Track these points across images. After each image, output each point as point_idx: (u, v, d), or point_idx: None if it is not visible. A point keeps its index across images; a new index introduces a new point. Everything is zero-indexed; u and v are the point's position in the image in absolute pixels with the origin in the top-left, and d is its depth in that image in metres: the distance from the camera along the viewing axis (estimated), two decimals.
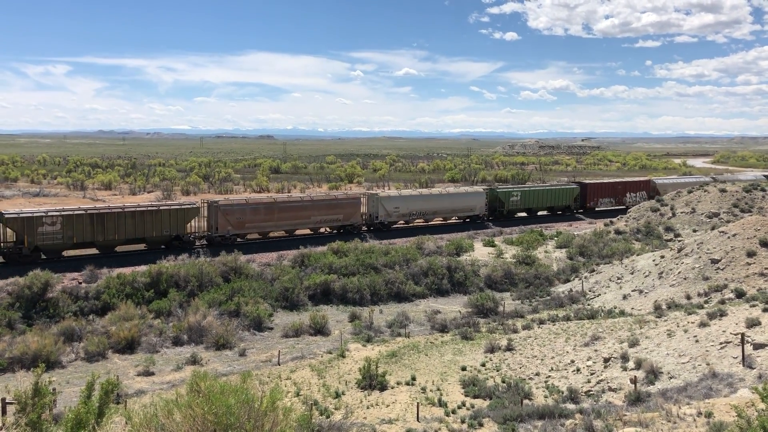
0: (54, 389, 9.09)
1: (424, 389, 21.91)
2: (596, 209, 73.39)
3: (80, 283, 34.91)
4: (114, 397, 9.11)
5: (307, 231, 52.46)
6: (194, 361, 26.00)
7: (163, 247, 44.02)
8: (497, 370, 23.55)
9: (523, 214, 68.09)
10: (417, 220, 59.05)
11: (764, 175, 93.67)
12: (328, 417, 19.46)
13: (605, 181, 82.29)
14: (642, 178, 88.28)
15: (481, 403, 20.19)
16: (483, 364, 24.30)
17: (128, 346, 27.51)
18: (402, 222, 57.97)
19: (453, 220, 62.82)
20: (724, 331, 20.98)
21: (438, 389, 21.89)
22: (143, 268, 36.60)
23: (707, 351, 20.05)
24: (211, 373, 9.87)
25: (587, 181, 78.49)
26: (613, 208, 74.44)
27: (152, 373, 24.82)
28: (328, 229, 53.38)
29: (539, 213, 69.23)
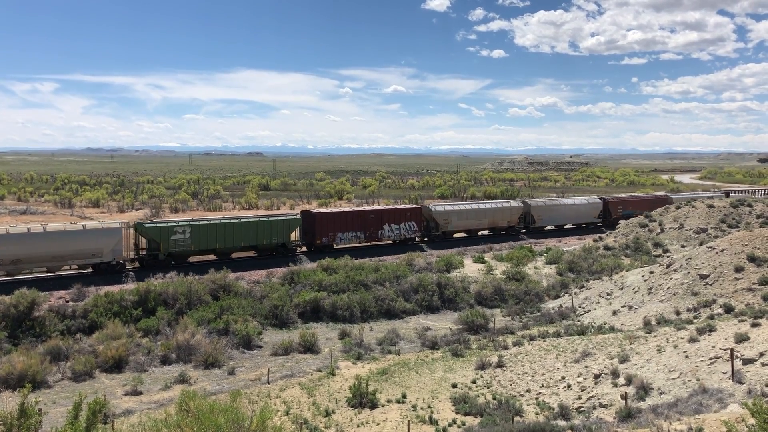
0: (40, 410, 8.96)
1: (414, 407, 21.79)
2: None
3: (67, 301, 34.58)
4: (101, 418, 9.00)
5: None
6: (183, 380, 25.75)
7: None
8: (488, 387, 23.47)
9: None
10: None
11: (723, 192, 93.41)
12: None
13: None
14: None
15: (472, 421, 20.09)
16: (474, 381, 24.21)
17: (116, 366, 27.21)
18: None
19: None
20: (713, 347, 21.03)
21: (429, 407, 21.77)
22: (131, 286, 36.35)
23: (697, 366, 20.08)
24: (200, 392, 9.79)
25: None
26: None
27: (140, 393, 24.54)
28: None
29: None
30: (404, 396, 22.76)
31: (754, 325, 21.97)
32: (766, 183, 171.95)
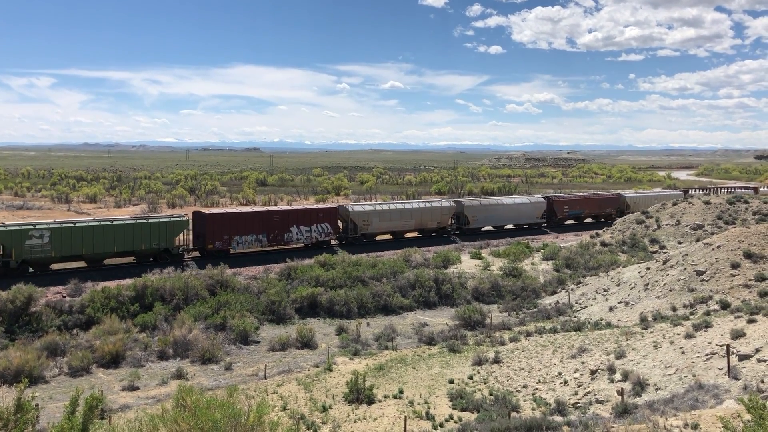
0: (37, 405, 8.96)
1: (411, 402, 21.83)
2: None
3: (64, 296, 34.55)
4: (98, 413, 9.00)
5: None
6: (180, 375, 25.76)
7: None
8: (485, 383, 23.52)
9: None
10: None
11: (682, 191, 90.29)
12: (315, 431, 19.34)
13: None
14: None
15: (469, 416, 20.14)
16: (470, 377, 24.26)
17: (113, 361, 27.22)
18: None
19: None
20: (709, 343, 21.10)
21: (425, 402, 21.82)
22: (128, 281, 36.31)
23: (693, 362, 20.15)
24: (197, 388, 9.79)
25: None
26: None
27: (137, 388, 24.55)
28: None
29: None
30: (401, 391, 22.80)
31: (750, 322, 22.06)
32: (762, 180, 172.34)
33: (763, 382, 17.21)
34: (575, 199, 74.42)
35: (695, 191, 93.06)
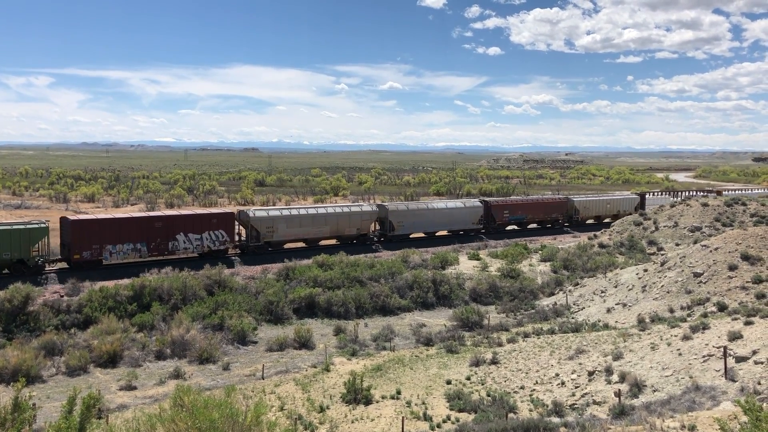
0: (34, 404, 8.96)
1: (409, 403, 21.83)
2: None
3: (62, 296, 34.52)
4: (96, 412, 9.00)
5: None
6: (177, 375, 25.75)
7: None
8: (482, 384, 23.52)
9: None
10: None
11: (637, 194, 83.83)
12: (312, 431, 19.34)
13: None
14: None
15: (466, 417, 20.14)
16: (468, 378, 24.26)
17: (110, 360, 27.21)
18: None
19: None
20: (706, 344, 21.13)
21: (423, 403, 21.81)
22: (126, 281, 36.28)
23: (690, 364, 20.17)
24: (194, 388, 9.79)
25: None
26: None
27: (135, 388, 24.54)
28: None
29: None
30: (399, 392, 22.79)
31: (747, 324, 22.08)
32: (760, 182, 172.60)
33: (759, 383, 17.24)
34: (517, 204, 68.87)
35: (654, 194, 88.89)
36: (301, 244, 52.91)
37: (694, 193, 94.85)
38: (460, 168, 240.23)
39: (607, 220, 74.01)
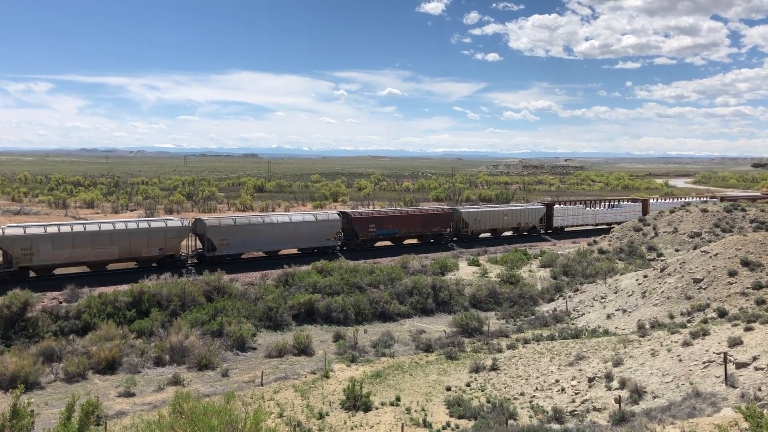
0: (32, 411, 8.93)
1: (408, 410, 21.76)
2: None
3: (61, 302, 34.46)
4: (94, 419, 8.96)
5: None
6: (176, 381, 25.66)
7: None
8: (482, 390, 23.47)
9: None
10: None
11: (544, 203, 75.10)
12: None
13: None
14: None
15: (466, 424, 20.08)
16: (468, 384, 24.21)
17: (109, 367, 27.11)
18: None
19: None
20: (707, 351, 21.09)
21: (423, 410, 21.75)
22: (125, 287, 36.22)
23: (690, 370, 20.13)
24: (193, 394, 9.75)
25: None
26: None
27: (133, 394, 24.46)
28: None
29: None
30: (398, 399, 22.73)
31: (747, 329, 22.05)
32: (759, 187, 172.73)
33: (760, 390, 17.20)
34: (387, 216, 58.52)
35: (561, 204, 74.83)
36: (84, 268, 42.84)
37: (617, 202, 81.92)
38: (460, 174, 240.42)
39: (507, 234, 68.10)
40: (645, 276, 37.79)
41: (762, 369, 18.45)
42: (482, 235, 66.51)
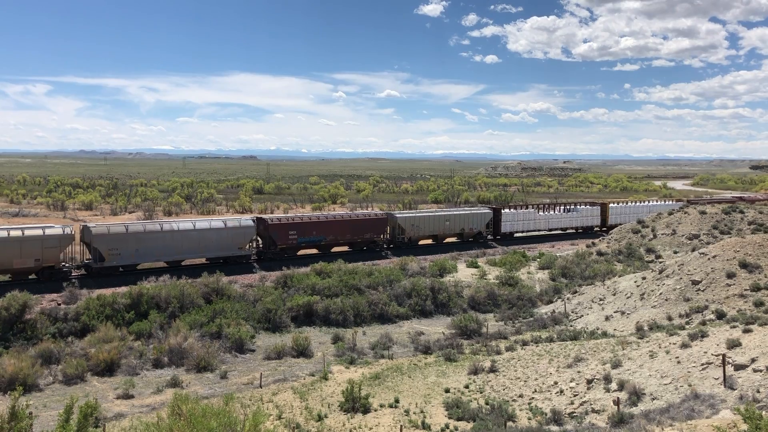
0: (31, 413, 8.92)
1: (407, 412, 21.76)
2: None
3: (59, 304, 34.41)
4: (93, 421, 8.96)
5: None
6: (175, 383, 25.64)
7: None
8: (481, 392, 23.47)
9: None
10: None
11: (491, 208, 70.29)
12: None
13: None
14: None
15: (465, 426, 20.08)
16: (466, 386, 24.21)
17: (108, 369, 27.09)
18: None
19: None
20: (705, 352, 21.10)
21: (421, 411, 21.75)
22: (123, 289, 36.18)
23: (689, 372, 20.14)
24: (192, 396, 9.75)
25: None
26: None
27: (132, 396, 24.43)
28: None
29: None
30: (397, 401, 22.73)
31: (745, 331, 22.07)
32: (758, 189, 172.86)
33: (759, 392, 17.21)
34: (312, 222, 53.24)
35: (510, 209, 70.37)
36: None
37: (577, 205, 78.29)
38: (458, 176, 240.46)
39: (450, 240, 63.13)
40: (643, 278, 37.81)
41: (760, 371, 18.47)
42: (422, 242, 61.02)
